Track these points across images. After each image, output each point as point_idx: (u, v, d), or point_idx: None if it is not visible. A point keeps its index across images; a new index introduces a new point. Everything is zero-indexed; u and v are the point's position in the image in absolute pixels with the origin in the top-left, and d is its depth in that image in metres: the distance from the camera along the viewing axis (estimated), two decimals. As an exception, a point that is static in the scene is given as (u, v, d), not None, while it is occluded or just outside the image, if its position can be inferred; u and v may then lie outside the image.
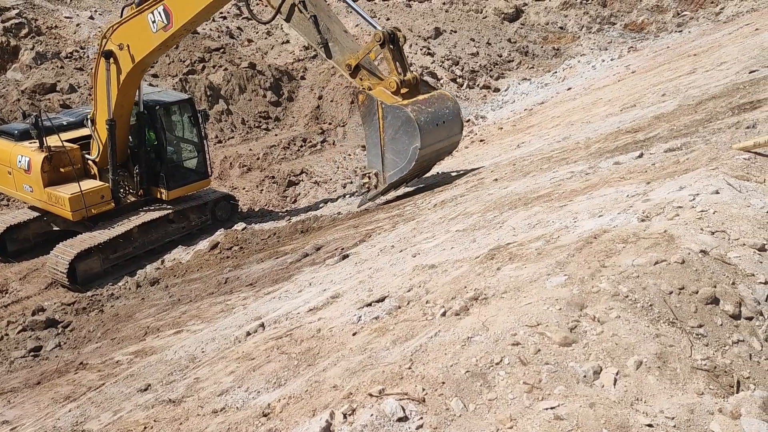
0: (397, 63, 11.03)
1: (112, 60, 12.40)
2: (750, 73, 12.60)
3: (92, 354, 8.88)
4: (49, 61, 21.37)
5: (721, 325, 4.32)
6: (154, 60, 13.50)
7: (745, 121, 8.56)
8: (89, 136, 13.66)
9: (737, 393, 3.77)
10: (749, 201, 5.68)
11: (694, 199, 5.81)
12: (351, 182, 18.39)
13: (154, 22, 11.75)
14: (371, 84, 11.22)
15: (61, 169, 13.18)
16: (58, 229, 13.86)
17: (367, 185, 11.70)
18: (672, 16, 32.50)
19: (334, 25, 11.54)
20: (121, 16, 12.54)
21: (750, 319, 4.41)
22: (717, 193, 5.84)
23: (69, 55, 22.22)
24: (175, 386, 5.91)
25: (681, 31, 29.87)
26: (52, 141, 12.97)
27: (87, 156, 13.69)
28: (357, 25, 28.64)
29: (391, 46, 10.96)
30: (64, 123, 14.08)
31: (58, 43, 22.77)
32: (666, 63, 21.06)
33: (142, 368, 7.07)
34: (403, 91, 11.09)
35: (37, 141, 12.96)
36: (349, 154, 20.68)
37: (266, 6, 11.93)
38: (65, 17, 24.35)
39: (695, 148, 7.96)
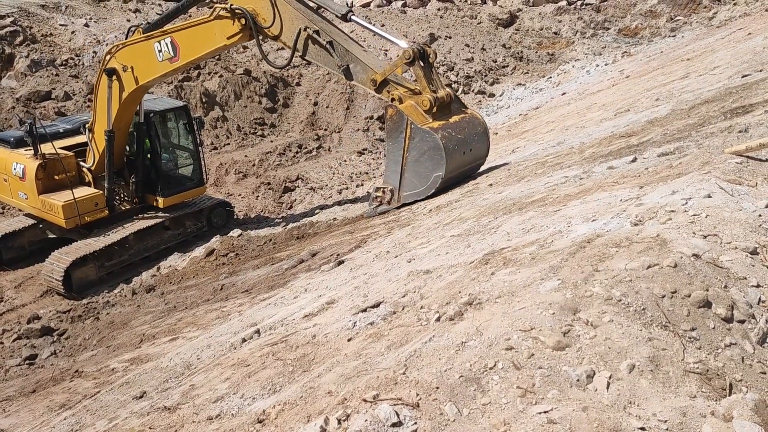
0: (429, 80, 10.56)
1: (114, 77, 12.40)
2: (742, 77, 12.68)
3: (88, 362, 8.86)
4: (44, 69, 21.38)
5: (714, 328, 4.34)
6: (158, 83, 13.43)
7: (737, 125, 8.62)
8: (84, 144, 13.65)
9: (729, 396, 3.79)
10: (741, 205, 5.72)
11: (686, 203, 5.85)
12: (347, 188, 18.41)
13: (160, 51, 11.71)
14: (401, 94, 10.66)
15: (56, 177, 13.16)
16: (53, 236, 13.84)
17: (379, 199, 11.26)
18: (665, 21, 32.67)
19: (353, 46, 11.22)
20: (126, 37, 12.53)
21: (742, 322, 4.44)
22: (709, 197, 5.89)
23: (64, 62, 22.23)
24: (171, 393, 5.91)
25: (674, 35, 30.04)
26: (48, 148, 12.96)
27: (82, 163, 13.68)
28: (352, 31, 28.74)
29: (421, 63, 10.51)
30: (60, 130, 14.07)
31: (53, 50, 22.79)
32: (659, 68, 21.17)
33: (138, 375, 7.06)
34: (436, 110, 10.61)
35: (32, 148, 12.95)
36: (345, 160, 20.70)
37: (282, 47, 11.65)
38: (60, 25, 24.37)
39: (688, 153, 8.01)
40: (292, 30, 11.20)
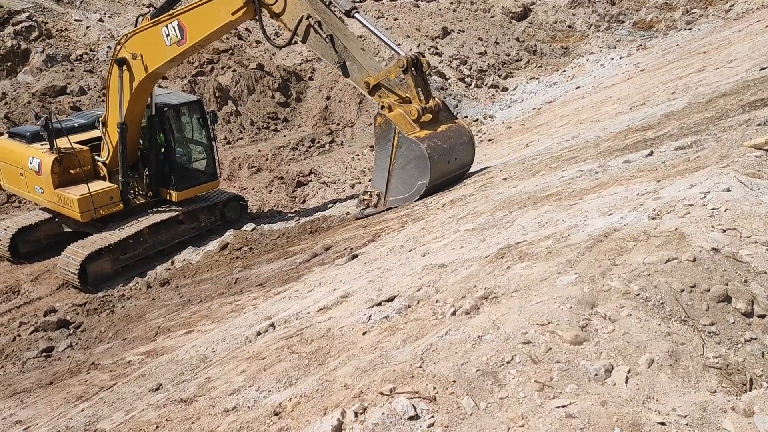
0: (420, 90, 10.78)
1: (125, 67, 12.47)
2: (761, 70, 12.52)
3: (104, 354, 8.93)
4: (60, 64, 21.50)
5: (734, 323, 4.30)
6: (167, 70, 13.48)
7: (756, 118, 8.52)
8: (99, 138, 13.74)
9: (750, 391, 3.75)
10: (761, 199, 5.65)
11: (705, 197, 5.78)
12: (359, 182, 18.41)
13: (168, 35, 11.80)
14: (391, 102, 10.95)
15: (71, 171, 13.26)
16: (69, 230, 13.94)
17: (366, 202, 11.58)
18: (681, 13, 32.33)
19: (351, 43, 11.35)
20: (135, 26, 12.60)
21: (762, 317, 4.39)
22: (728, 191, 5.81)
23: (79, 57, 22.34)
24: (187, 386, 5.93)
25: (690, 28, 29.72)
26: (63, 143, 13.06)
27: (97, 158, 13.77)
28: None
29: (414, 72, 10.69)
30: (75, 125, 14.16)
31: (68, 45, 22.90)
32: (675, 61, 20.96)
33: (154, 368, 7.10)
34: (424, 119, 10.87)
35: (48, 143, 13.05)
36: (358, 155, 20.69)
37: (283, 29, 11.73)
38: (75, 20, 24.49)
39: (706, 146, 7.92)
40: (295, 14, 11.26)
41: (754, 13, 27.38)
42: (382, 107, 11.01)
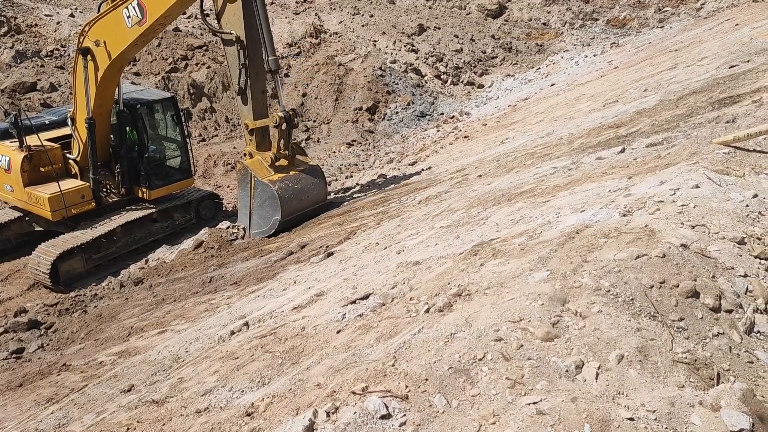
0: (282, 141, 12.23)
1: (89, 57, 12.29)
2: (730, 68, 12.71)
3: (75, 355, 8.80)
4: (29, 60, 21.12)
5: (702, 318, 4.36)
6: (131, 56, 13.35)
7: (725, 115, 8.64)
8: (70, 136, 13.51)
9: (717, 385, 3.81)
10: (729, 195, 5.74)
11: (674, 193, 5.86)
12: (336, 179, 18.35)
13: (128, 17, 11.72)
14: (251, 150, 12.58)
15: (42, 169, 13.02)
16: (40, 229, 13.69)
17: (234, 234, 12.93)
18: (653, 11, 32.72)
19: (258, 84, 12.34)
20: (98, 12, 12.43)
21: (730, 311, 4.46)
22: (697, 187, 5.90)
23: (49, 53, 21.97)
24: (159, 387, 5.87)
25: (662, 26, 30.08)
26: (33, 140, 12.82)
27: (68, 155, 13.54)
28: (341, 22, 28.60)
29: (284, 127, 11.98)
30: (46, 122, 13.90)
31: (38, 41, 22.51)
32: (648, 58, 21.20)
33: (126, 369, 7.01)
34: (279, 164, 12.39)
35: (17, 140, 12.81)
36: (334, 152, 20.64)
37: (211, 31, 12.43)
38: (45, 15, 24.07)
39: (676, 143, 8.03)
40: (230, 21, 11.84)
41: (724, 11, 27.79)
42: (244, 155, 12.81)
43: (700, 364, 3.97)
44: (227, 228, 13.02)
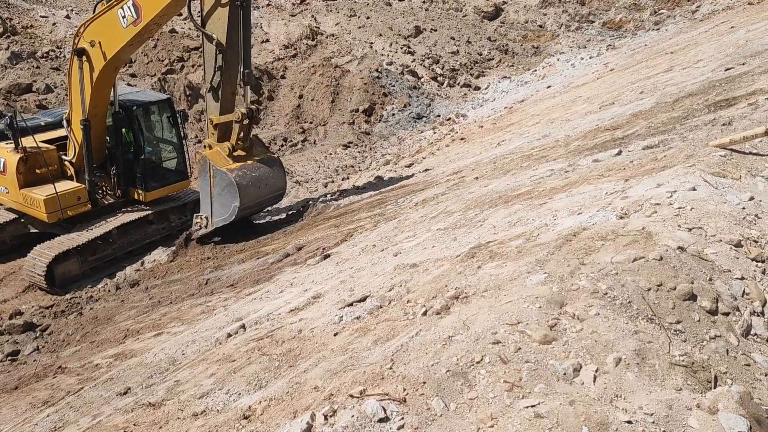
0: (242, 133, 12.55)
1: (84, 58, 12.26)
2: (726, 70, 12.74)
3: (71, 358, 8.77)
4: (25, 61, 21.06)
5: (699, 320, 4.36)
6: (126, 57, 13.33)
7: (721, 118, 8.66)
8: (66, 137, 13.47)
9: (715, 388, 3.81)
10: (725, 197, 5.75)
11: (671, 196, 5.87)
12: (332, 181, 18.35)
13: (124, 17, 11.72)
14: (211, 143, 12.80)
15: (37, 171, 12.98)
16: (35, 231, 13.65)
17: (198, 224, 13.17)
18: (649, 14, 32.81)
19: (228, 86, 12.53)
20: (94, 12, 12.41)
21: (727, 314, 4.47)
22: (694, 190, 5.91)
23: (45, 54, 21.91)
24: (155, 389, 5.85)
25: (658, 29, 30.16)
26: (29, 142, 12.78)
27: (63, 157, 13.51)
28: (337, 24, 28.61)
29: (245, 122, 12.37)
30: (42, 123, 13.86)
31: (33, 42, 22.46)
32: (644, 61, 21.25)
33: (122, 371, 6.99)
34: (237, 154, 12.68)
35: (12, 142, 12.76)
36: (330, 153, 20.62)
37: (195, 27, 12.62)
38: (41, 16, 24.02)
39: (672, 146, 8.04)
40: (214, 24, 11.94)
41: (719, 14, 27.88)
42: (204, 147, 13.08)
43: (697, 367, 3.97)
44: (195, 217, 13.22)
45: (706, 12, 29.96)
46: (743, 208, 5.59)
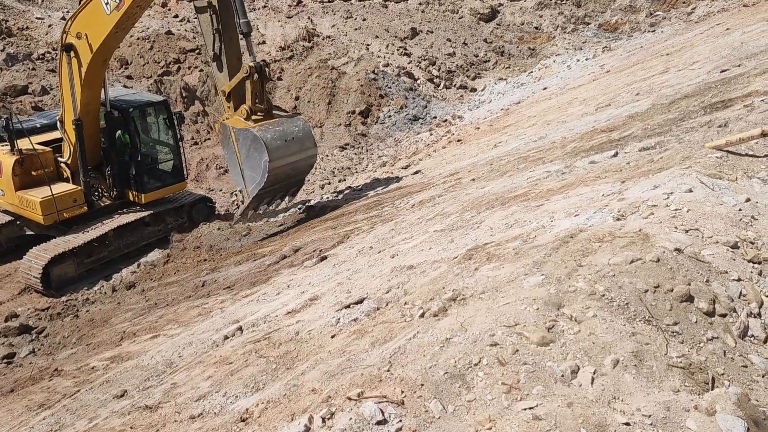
0: (256, 93, 12.15)
1: (72, 53, 12.24)
2: (721, 72, 12.77)
3: (67, 360, 8.74)
4: (21, 63, 21.02)
5: (696, 322, 4.37)
6: (113, 46, 13.22)
7: (717, 119, 8.68)
8: (62, 139, 13.45)
9: (712, 390, 3.82)
10: (722, 199, 5.76)
11: (668, 197, 5.88)
12: (329, 183, 18.34)
13: (107, 4, 11.72)
14: (229, 115, 12.45)
15: (33, 173, 12.96)
16: (31, 233, 13.62)
17: (236, 202, 12.74)
18: (645, 16, 32.87)
19: (232, 49, 12.40)
20: (79, 4, 12.43)
21: (724, 316, 4.47)
22: (690, 191, 5.92)
23: (41, 56, 21.87)
24: (152, 392, 5.84)
25: (654, 30, 30.21)
26: (25, 144, 12.75)
27: (59, 158, 13.48)
28: (333, 26, 28.61)
29: (256, 78, 11.95)
30: (37, 125, 13.84)
31: (29, 44, 22.40)
32: (639, 62, 21.29)
33: (118, 374, 6.97)
34: (255, 117, 12.24)
35: (8, 144, 12.74)
36: (327, 155, 20.61)
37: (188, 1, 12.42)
38: (36, 18, 23.97)
39: (669, 147, 8.06)
40: None
41: (715, 16, 27.96)
42: (224, 119, 12.64)
43: (694, 369, 3.98)
44: (231, 196, 12.80)
45: (701, 14, 30.03)
46: (740, 210, 5.60)
